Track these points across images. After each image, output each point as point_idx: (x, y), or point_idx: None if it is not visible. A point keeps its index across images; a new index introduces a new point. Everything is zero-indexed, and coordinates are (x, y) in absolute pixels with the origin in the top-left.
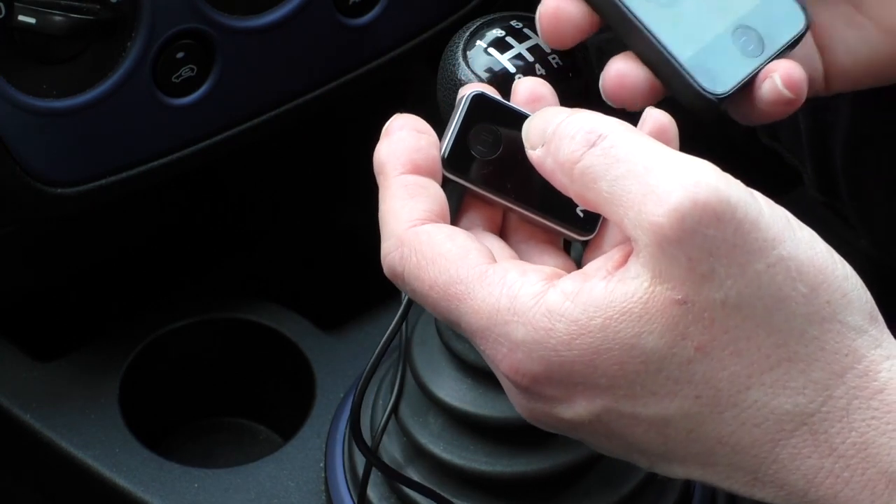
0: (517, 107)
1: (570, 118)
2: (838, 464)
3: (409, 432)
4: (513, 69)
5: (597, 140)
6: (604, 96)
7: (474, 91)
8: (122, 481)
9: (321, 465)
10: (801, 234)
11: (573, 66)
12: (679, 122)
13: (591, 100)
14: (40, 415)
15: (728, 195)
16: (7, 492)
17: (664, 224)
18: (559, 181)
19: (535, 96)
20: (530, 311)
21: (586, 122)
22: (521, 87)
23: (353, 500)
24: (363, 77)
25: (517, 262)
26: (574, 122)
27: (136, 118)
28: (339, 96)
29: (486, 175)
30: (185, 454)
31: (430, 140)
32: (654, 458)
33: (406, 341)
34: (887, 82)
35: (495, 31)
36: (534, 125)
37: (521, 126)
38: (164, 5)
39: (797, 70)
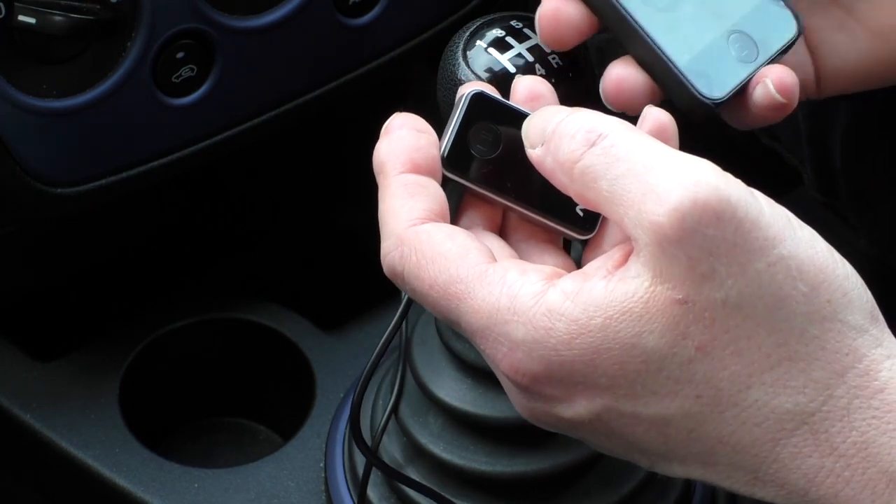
0: (517, 105)
1: (569, 117)
2: (839, 463)
3: (409, 432)
4: (513, 69)
5: (597, 139)
6: (604, 101)
7: (474, 90)
8: (122, 481)
9: (321, 465)
10: (801, 233)
11: (573, 65)
12: (679, 122)
13: (591, 99)
14: (40, 415)
15: (728, 194)
16: (7, 492)
17: (664, 223)
18: (559, 180)
19: (535, 95)
20: (530, 310)
21: (586, 120)
22: (520, 86)
23: (353, 500)
24: (363, 77)
25: (517, 262)
26: (574, 121)
27: (136, 118)
28: (339, 96)
29: (485, 174)
30: (185, 454)
31: (429, 139)
32: (654, 457)
33: (406, 341)
34: (878, 85)
35: (495, 31)
36: (533, 124)
37: (521, 125)
38: (164, 5)
39: (789, 75)
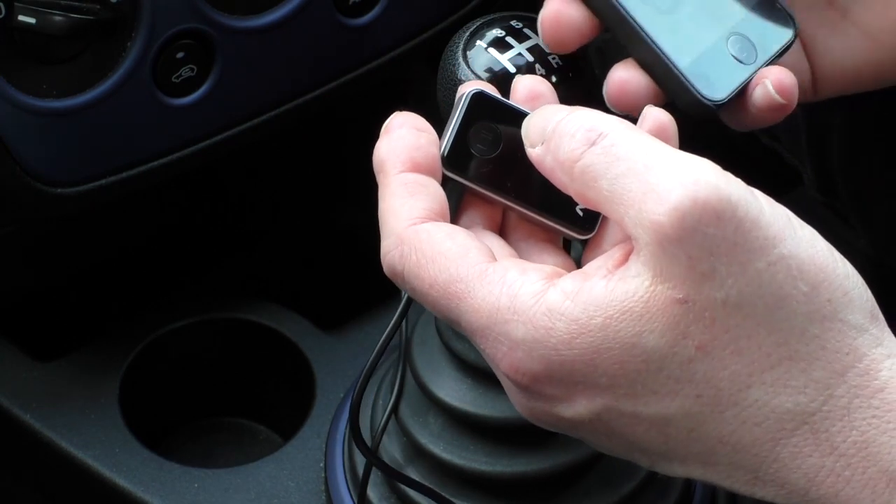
0: (517, 105)
1: (569, 116)
2: (839, 462)
3: (409, 432)
4: (513, 69)
5: (597, 138)
6: (608, 103)
7: (474, 89)
8: (122, 481)
9: (321, 465)
10: (801, 232)
11: (573, 65)
12: (679, 121)
13: (591, 99)
14: (40, 415)
15: (728, 193)
16: (7, 492)
17: (665, 223)
18: (559, 179)
19: (535, 94)
20: (530, 310)
21: (586, 120)
22: (520, 85)
23: (353, 500)
24: (363, 77)
25: (517, 261)
26: (574, 121)
27: (136, 118)
28: (339, 96)
29: (485, 173)
30: (185, 454)
31: (429, 138)
32: (654, 457)
33: (406, 341)
34: (873, 87)
35: (495, 31)
36: (533, 123)
37: (521, 124)
38: (164, 5)
39: (788, 76)
